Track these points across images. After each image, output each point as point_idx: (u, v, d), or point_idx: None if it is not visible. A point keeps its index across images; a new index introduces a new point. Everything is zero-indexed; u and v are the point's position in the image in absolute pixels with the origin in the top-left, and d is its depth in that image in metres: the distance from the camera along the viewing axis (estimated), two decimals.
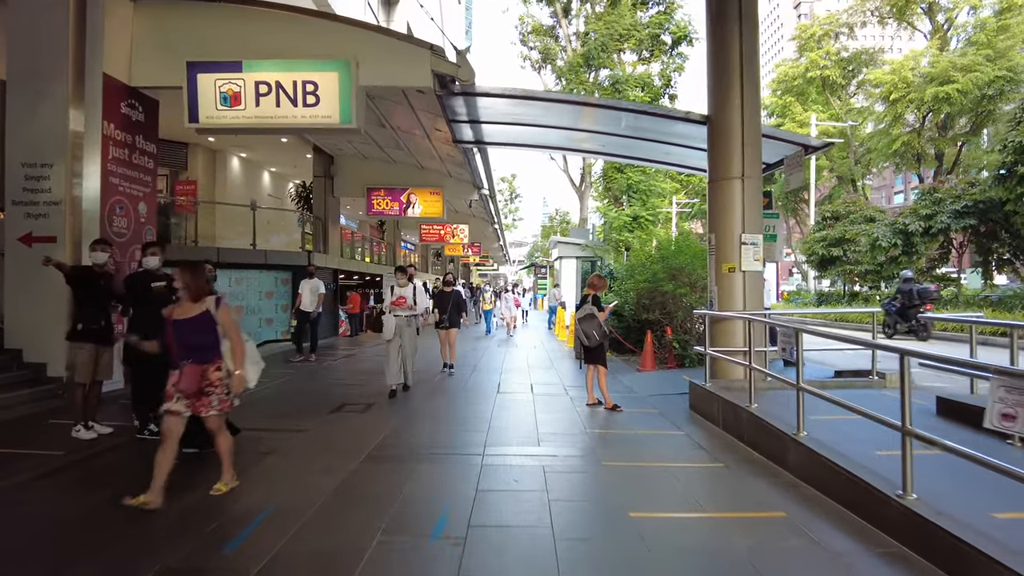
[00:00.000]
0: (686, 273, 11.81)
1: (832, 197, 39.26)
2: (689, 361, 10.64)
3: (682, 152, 9.89)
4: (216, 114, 7.66)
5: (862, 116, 38.72)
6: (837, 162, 37.66)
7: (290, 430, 6.01)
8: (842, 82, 40.63)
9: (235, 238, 14.79)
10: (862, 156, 37.22)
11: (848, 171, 37.11)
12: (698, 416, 6.94)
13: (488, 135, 9.96)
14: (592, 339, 7.16)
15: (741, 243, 7.48)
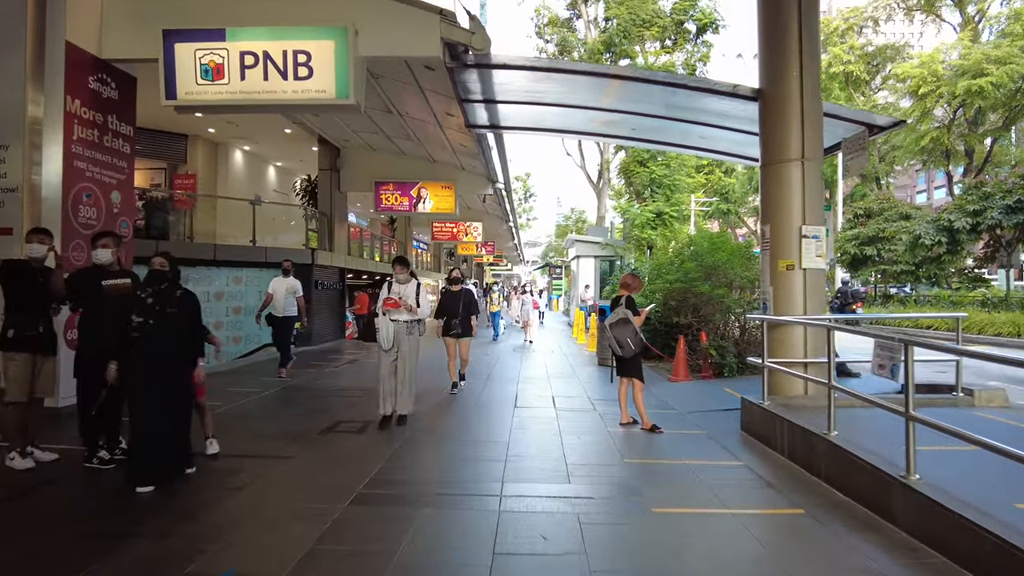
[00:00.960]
0: (722, 272, 10.73)
1: (854, 196, 37.80)
2: (728, 370, 9.55)
3: (723, 136, 8.81)
4: (196, 89, 6.73)
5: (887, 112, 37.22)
6: None
7: (271, 456, 5.04)
8: (866, 77, 39.12)
9: (239, 235, 13.94)
10: (886, 153, 35.68)
11: (872, 169, 35.58)
12: (753, 440, 5.88)
13: (505, 118, 8.94)
14: (626, 348, 6.13)
15: (801, 236, 6.40)
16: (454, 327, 8.12)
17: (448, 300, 8.26)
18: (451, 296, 8.26)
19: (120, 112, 7.23)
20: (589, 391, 8.61)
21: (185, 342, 4.43)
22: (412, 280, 6.31)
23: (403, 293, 6.17)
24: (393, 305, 6.04)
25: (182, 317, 4.41)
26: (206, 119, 14.25)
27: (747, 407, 6.17)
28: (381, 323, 6.08)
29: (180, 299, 4.45)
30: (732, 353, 9.71)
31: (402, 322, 6.14)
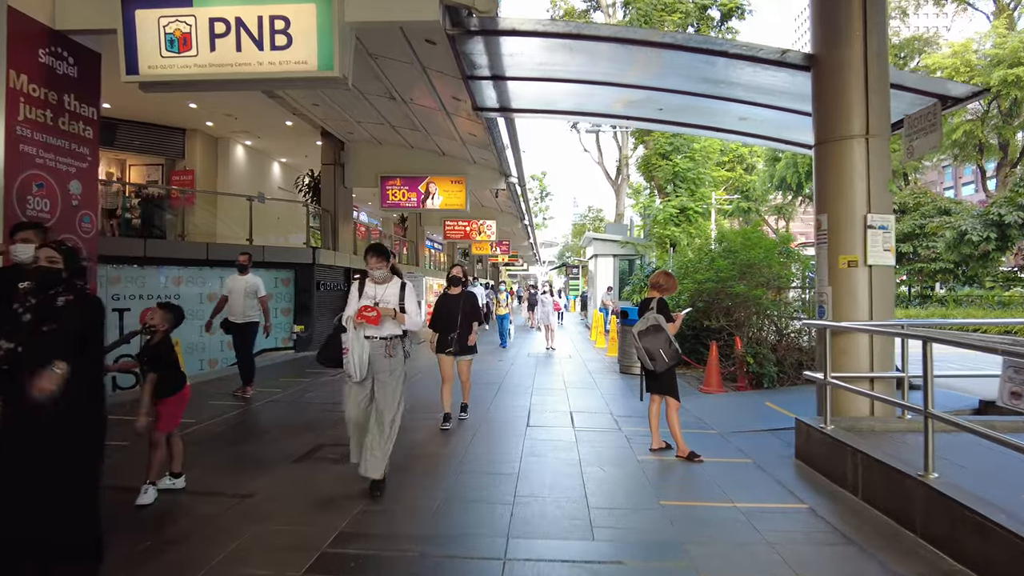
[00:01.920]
0: (758, 271, 9.68)
1: None
2: (768, 380, 8.50)
3: (765, 117, 7.78)
4: (161, 63, 5.86)
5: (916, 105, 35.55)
6: None
7: (227, 494, 4.15)
8: None
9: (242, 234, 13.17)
10: None
11: (899, 163, 34.05)
12: (811, 471, 4.86)
13: (516, 98, 7.99)
14: (659, 362, 5.14)
15: (866, 227, 5.37)
16: (451, 342, 6.29)
17: (444, 307, 6.43)
18: (449, 301, 6.44)
19: (80, 92, 6.40)
20: (612, 406, 7.62)
21: (77, 379, 2.79)
22: (394, 278, 4.53)
23: (382, 296, 4.38)
24: (371, 318, 4.16)
25: (64, 339, 2.82)
26: (203, 111, 13.53)
27: (803, 431, 5.15)
28: (350, 342, 4.26)
29: (64, 309, 2.89)
30: (771, 361, 8.67)
31: (379, 339, 4.28)
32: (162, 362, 4.17)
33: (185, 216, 13.83)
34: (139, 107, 13.35)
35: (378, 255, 4.42)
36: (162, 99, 12.79)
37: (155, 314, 4.31)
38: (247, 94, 11.53)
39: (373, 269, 4.41)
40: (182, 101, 12.86)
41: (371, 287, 4.47)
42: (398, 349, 4.39)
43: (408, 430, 6.03)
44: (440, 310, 6.49)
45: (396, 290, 4.47)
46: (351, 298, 4.45)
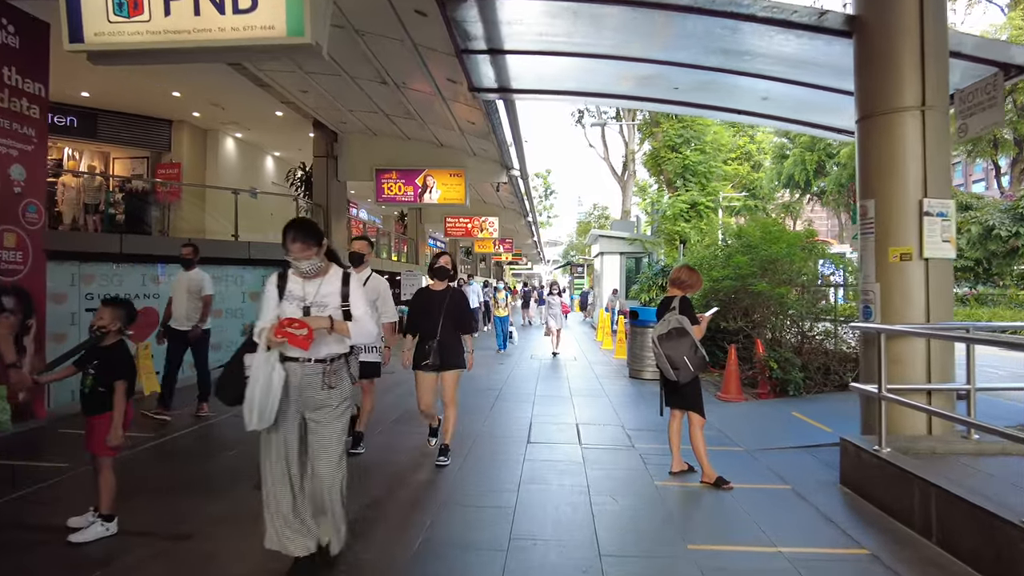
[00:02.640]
0: (781, 267, 8.91)
1: None
2: (793, 388, 7.73)
3: (792, 96, 6.99)
4: (109, 29, 5.11)
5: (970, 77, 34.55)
6: None
7: (162, 536, 3.43)
8: None
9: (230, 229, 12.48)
10: None
11: None
12: (862, 501, 4.10)
13: (516, 77, 7.23)
14: (682, 371, 4.39)
15: (922, 214, 4.60)
16: (430, 351, 4.75)
17: (422, 305, 4.95)
18: (428, 299, 4.95)
19: (24, 66, 5.69)
20: (623, 416, 6.87)
21: None
22: (332, 268, 3.06)
23: (315, 297, 2.95)
24: (300, 339, 2.71)
25: None
26: (188, 100, 12.82)
27: (851, 452, 4.38)
28: (256, 368, 2.77)
29: None
30: (796, 366, 7.89)
31: (313, 363, 2.91)
32: (116, 368, 3.45)
33: (171, 211, 13.15)
34: (122, 96, 12.67)
35: (303, 236, 2.87)
36: (145, 87, 12.11)
37: (103, 312, 3.58)
38: (231, 80, 10.83)
39: (297, 258, 2.87)
40: (165, 89, 12.17)
41: (297, 284, 2.97)
42: (342, 375, 2.99)
43: (387, 449, 5.31)
44: (416, 310, 5.00)
45: (336, 286, 3.01)
46: (266, 301, 2.98)
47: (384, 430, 5.95)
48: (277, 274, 3.02)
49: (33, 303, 5.83)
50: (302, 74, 10.09)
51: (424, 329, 4.87)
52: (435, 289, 5.01)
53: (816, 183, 37.45)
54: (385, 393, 7.44)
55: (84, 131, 13.16)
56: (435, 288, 5.01)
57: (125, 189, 13.07)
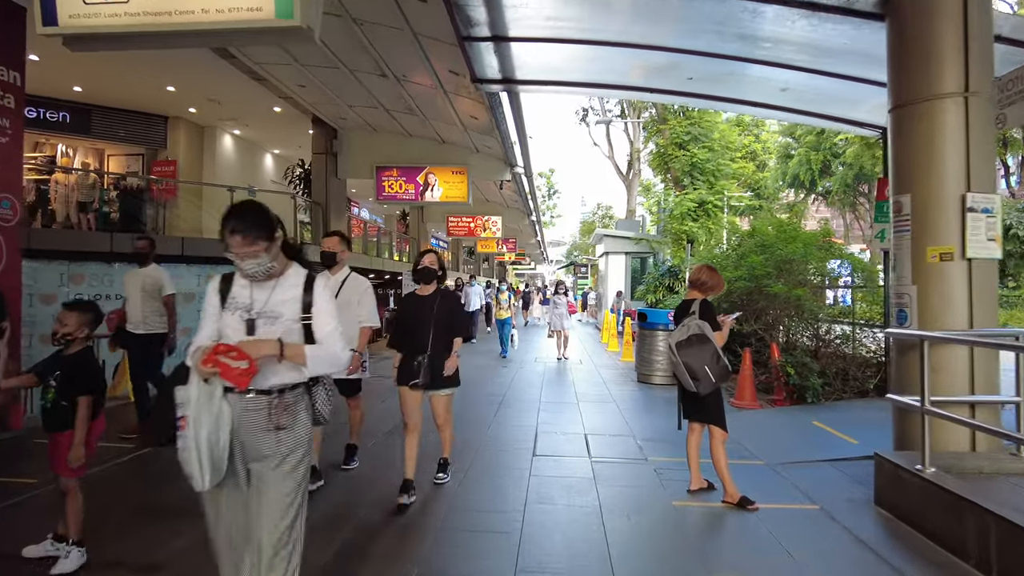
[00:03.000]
0: (797, 268, 8.53)
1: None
2: (812, 394, 7.34)
3: (813, 87, 6.62)
4: (85, 11, 4.77)
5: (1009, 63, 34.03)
6: None
7: (130, 567, 3.07)
8: None
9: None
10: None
11: None
12: (902, 525, 3.73)
13: (521, 67, 6.86)
14: (703, 382, 4.02)
15: (965, 209, 4.22)
16: (419, 368, 4.03)
17: (409, 314, 4.30)
18: (415, 306, 4.25)
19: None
20: (633, 425, 6.50)
21: None
22: (291, 267, 2.29)
23: (265, 307, 2.19)
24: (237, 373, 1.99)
25: None
26: (183, 95, 12.50)
27: (887, 471, 4.01)
28: (191, 406, 2.03)
29: None
30: (814, 372, 7.51)
31: (256, 396, 2.14)
32: (80, 380, 3.09)
33: (167, 210, 12.82)
34: (116, 91, 12.37)
35: (246, 227, 2.09)
36: (140, 82, 11.80)
37: (67, 317, 3.21)
38: (227, 74, 10.50)
39: (239, 255, 2.11)
40: (159, 84, 11.85)
41: (244, 288, 2.21)
42: (296, 413, 2.19)
43: (379, 463, 4.93)
44: (402, 319, 4.36)
45: (295, 292, 2.21)
46: (205, 311, 2.26)
47: (378, 442, 5.59)
48: (221, 276, 2.26)
49: (7, 304, 5.48)
50: (299, 66, 9.75)
51: (413, 342, 4.12)
52: (422, 294, 4.25)
53: (821, 183, 37.05)
54: (378, 402, 7.08)
55: (77, 127, 12.85)
56: (422, 293, 4.26)
57: (119, 187, 12.75)
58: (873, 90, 6.40)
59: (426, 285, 4.25)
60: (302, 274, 2.28)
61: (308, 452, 2.24)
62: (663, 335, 9.07)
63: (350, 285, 4.45)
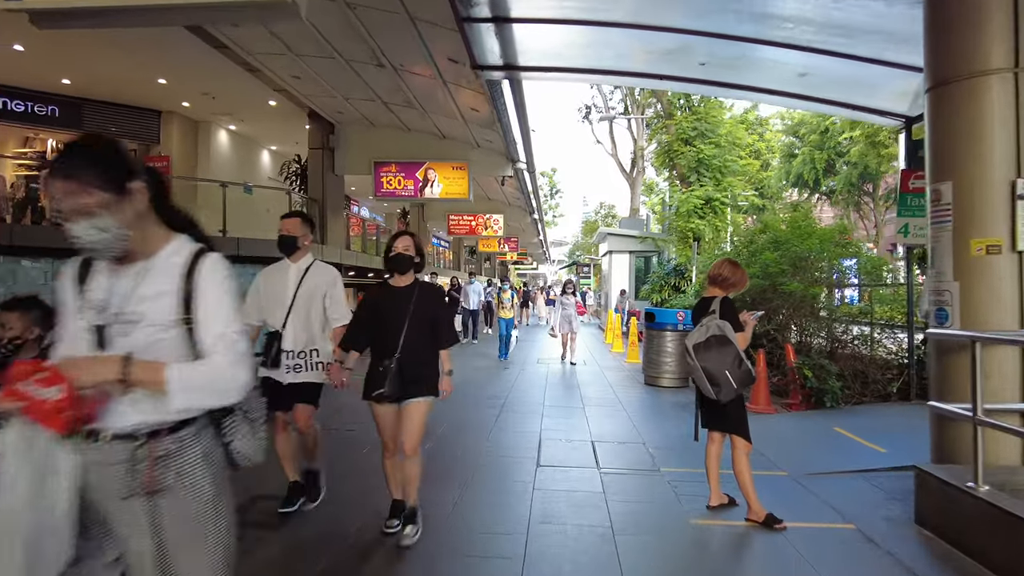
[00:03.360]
0: (813, 264, 8.14)
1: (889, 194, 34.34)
2: (831, 398, 6.94)
3: (835, 72, 6.22)
4: None
5: None
6: None
7: None
8: None
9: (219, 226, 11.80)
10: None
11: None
12: (952, 550, 3.33)
13: (524, 52, 6.47)
14: (725, 388, 3.62)
15: (1016, 197, 3.82)
16: (387, 378, 3.24)
17: (375, 309, 3.48)
18: (384, 300, 3.48)
19: None
20: (643, 431, 6.11)
21: None
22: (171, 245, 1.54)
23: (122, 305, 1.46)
24: (41, 407, 1.26)
25: None
26: (176, 87, 12.13)
27: (932, 487, 3.61)
28: (11, 456, 1.26)
29: None
30: (833, 374, 7.11)
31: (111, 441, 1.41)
32: None
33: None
34: (106, 84, 12.00)
35: (70, 169, 1.38)
36: (131, 75, 11.44)
37: (8, 319, 2.81)
38: (219, 65, 10.12)
39: (67, 214, 1.38)
40: (150, 76, 11.48)
41: (101, 279, 1.51)
42: (185, 460, 1.47)
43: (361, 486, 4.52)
44: (367, 314, 3.47)
45: (170, 282, 1.48)
46: (61, 317, 1.57)
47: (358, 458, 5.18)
48: (81, 259, 1.54)
49: None
50: (292, 56, 9.38)
51: (379, 342, 3.39)
52: (397, 285, 3.45)
53: (825, 182, 36.65)
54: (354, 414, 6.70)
55: (68, 121, 12.48)
56: (397, 284, 3.46)
57: None
58: (897, 74, 6.02)
59: (401, 275, 3.45)
60: (186, 252, 1.51)
61: (220, 529, 1.49)
62: (671, 336, 8.69)
63: (315, 275, 3.72)
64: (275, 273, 3.76)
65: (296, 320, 3.63)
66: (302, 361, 3.63)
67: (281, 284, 3.68)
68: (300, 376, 3.63)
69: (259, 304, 3.72)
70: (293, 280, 3.69)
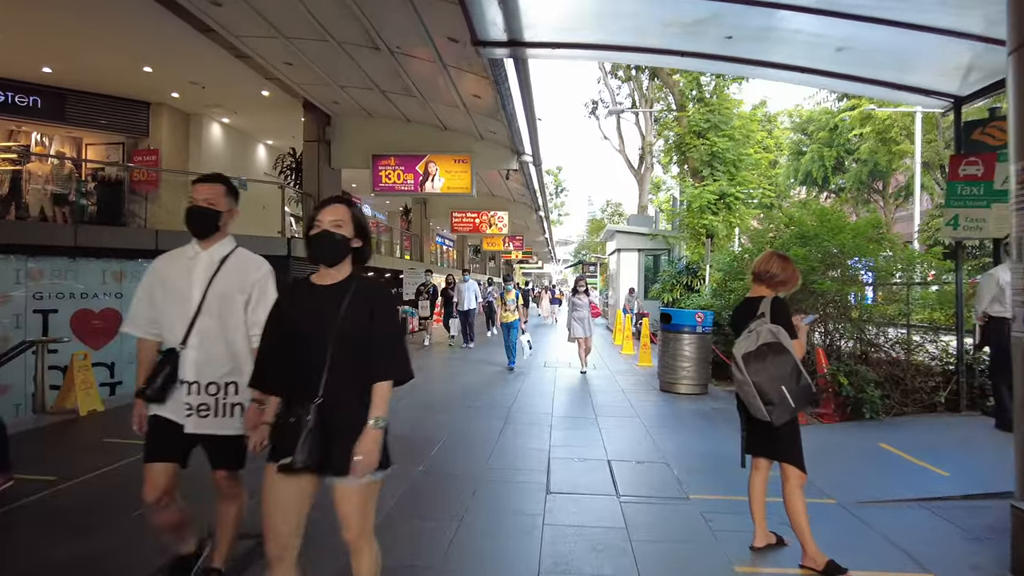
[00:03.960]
0: (842, 261, 7.48)
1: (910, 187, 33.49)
2: (870, 409, 6.26)
3: (872, 43, 5.55)
4: None
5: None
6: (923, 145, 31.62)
7: None
8: None
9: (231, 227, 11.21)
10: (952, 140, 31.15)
11: (935, 156, 31.18)
12: None
13: (530, 24, 5.77)
14: (780, 407, 2.97)
15: None
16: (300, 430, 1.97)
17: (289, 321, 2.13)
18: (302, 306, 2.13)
19: None
20: (663, 445, 5.46)
21: None
22: None
23: None
24: None
25: None
26: (163, 76, 11.54)
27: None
28: None
29: None
30: (871, 382, 6.43)
31: None
32: None
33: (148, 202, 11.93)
34: (90, 74, 11.45)
35: None
36: (113, 63, 10.83)
37: None
38: (206, 50, 9.56)
39: None
40: (135, 65, 10.90)
41: None
42: None
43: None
44: (276, 330, 2.17)
45: None
46: None
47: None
48: None
49: None
50: (283, 40, 8.78)
51: (292, 374, 2.10)
52: (321, 283, 2.15)
53: (835, 180, 35.97)
54: None
55: (50, 113, 11.94)
56: (322, 282, 2.15)
57: (97, 178, 11.86)
58: (949, 46, 5.35)
59: (328, 268, 2.14)
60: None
61: None
62: (689, 338, 8.04)
63: (236, 269, 2.55)
64: (176, 264, 2.55)
65: (203, 336, 2.46)
66: (211, 400, 2.45)
67: (184, 280, 2.49)
68: (208, 424, 2.46)
69: (150, 309, 2.54)
70: (202, 275, 2.50)
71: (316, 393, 2.00)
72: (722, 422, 6.47)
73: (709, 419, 6.71)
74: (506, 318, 10.56)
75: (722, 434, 5.93)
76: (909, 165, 34.54)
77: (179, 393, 2.44)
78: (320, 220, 2.12)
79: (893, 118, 29.95)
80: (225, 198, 2.59)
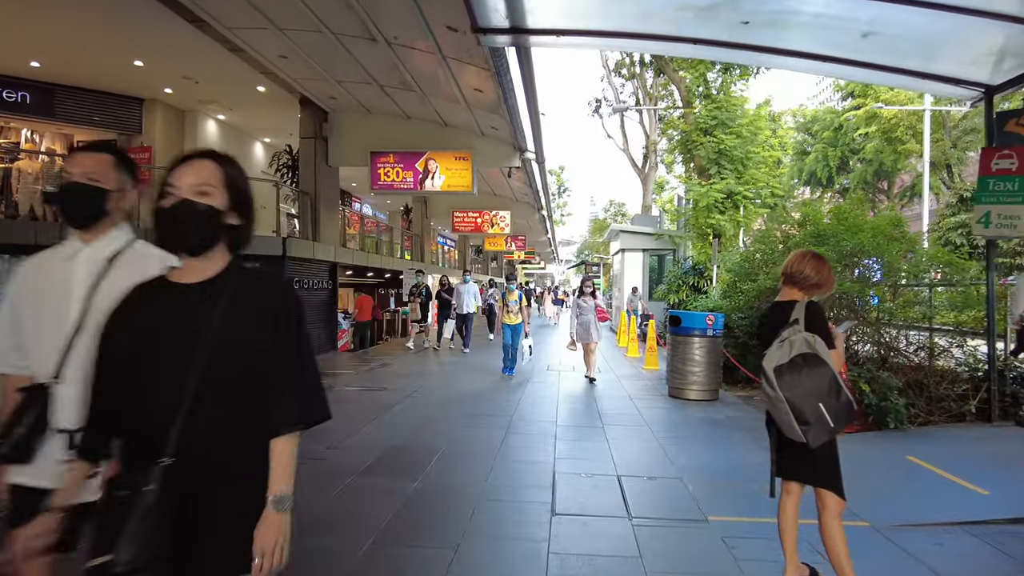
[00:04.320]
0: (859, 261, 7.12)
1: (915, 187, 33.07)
2: (895, 418, 5.89)
3: (903, 26, 5.18)
4: None
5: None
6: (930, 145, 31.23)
7: None
8: None
9: None
10: (958, 139, 30.75)
11: (942, 155, 30.75)
12: None
13: (533, 9, 5.41)
14: (815, 428, 2.59)
15: None
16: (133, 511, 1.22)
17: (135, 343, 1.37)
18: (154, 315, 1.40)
19: None
20: (676, 459, 5.10)
21: None
22: None
23: None
24: None
25: None
26: (154, 71, 11.21)
27: None
28: None
29: None
30: (895, 389, 6.06)
31: None
32: None
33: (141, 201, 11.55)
34: (80, 68, 11.13)
35: None
36: (103, 57, 10.51)
37: None
38: (199, 43, 9.22)
39: None
40: (126, 59, 10.57)
41: None
42: None
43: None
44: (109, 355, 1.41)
45: None
46: None
47: (345, 490, 4.21)
48: None
49: None
50: (276, 31, 8.45)
51: (130, 419, 1.37)
52: (182, 281, 1.44)
53: (839, 180, 35.64)
54: (363, 416, 5.70)
55: (39, 109, 11.63)
56: (182, 279, 1.44)
57: None
58: (984, 27, 4.99)
59: (190, 257, 1.43)
60: None
61: None
62: (699, 342, 7.68)
63: (128, 270, 1.69)
64: (48, 267, 1.82)
65: (86, 365, 1.51)
66: None
67: (59, 288, 1.76)
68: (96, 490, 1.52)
69: (14, 332, 1.79)
70: (84, 280, 1.75)
71: (162, 450, 1.27)
72: (736, 431, 6.12)
73: (723, 428, 6.35)
74: (509, 320, 9.80)
75: (738, 445, 5.58)
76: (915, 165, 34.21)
77: (51, 447, 1.66)
78: (176, 184, 1.39)
79: (899, 117, 29.57)
80: (114, 172, 1.82)
